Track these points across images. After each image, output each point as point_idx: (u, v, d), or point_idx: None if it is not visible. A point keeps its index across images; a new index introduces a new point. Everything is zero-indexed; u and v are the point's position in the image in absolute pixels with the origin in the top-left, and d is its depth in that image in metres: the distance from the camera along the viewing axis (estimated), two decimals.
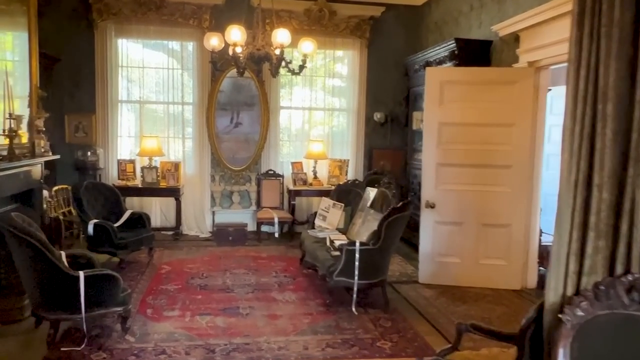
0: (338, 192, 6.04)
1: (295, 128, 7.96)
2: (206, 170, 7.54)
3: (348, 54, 7.89)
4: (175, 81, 7.43)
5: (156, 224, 7.38)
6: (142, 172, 7.04)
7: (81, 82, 7.17)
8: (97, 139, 7.23)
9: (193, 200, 7.52)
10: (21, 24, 5.24)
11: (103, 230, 5.48)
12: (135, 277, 5.37)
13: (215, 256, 6.35)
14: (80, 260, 4.08)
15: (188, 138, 7.56)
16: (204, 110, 7.42)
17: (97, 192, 6.01)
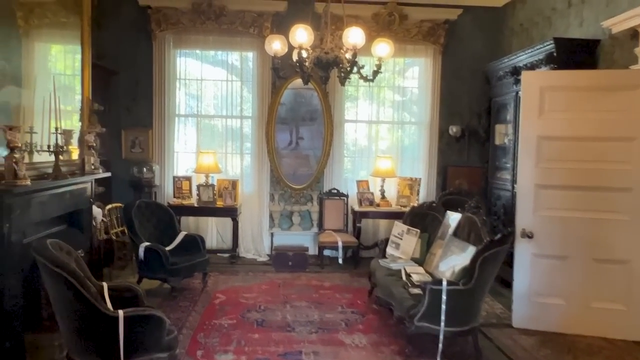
0: (412, 215, 5.29)
1: (361, 143, 7.30)
2: (265, 188, 7.02)
3: (420, 61, 7.18)
4: (233, 94, 7.00)
5: (212, 246, 6.94)
6: (198, 190, 6.61)
7: (138, 96, 6.88)
8: (154, 155, 6.90)
9: (251, 221, 7.01)
10: (75, 36, 4.94)
11: (154, 254, 5.02)
12: (187, 308, 4.85)
13: (274, 284, 5.75)
14: (124, 293, 3.58)
15: (246, 154, 7.08)
16: (263, 124, 6.93)
17: (149, 212, 5.59)
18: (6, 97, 3.88)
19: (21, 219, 3.50)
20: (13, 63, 4.12)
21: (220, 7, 6.61)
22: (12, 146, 3.36)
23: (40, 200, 3.77)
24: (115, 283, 3.61)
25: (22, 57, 4.28)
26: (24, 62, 4.28)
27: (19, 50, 4.28)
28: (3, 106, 3.77)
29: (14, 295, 3.47)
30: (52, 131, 4.02)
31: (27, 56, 4.35)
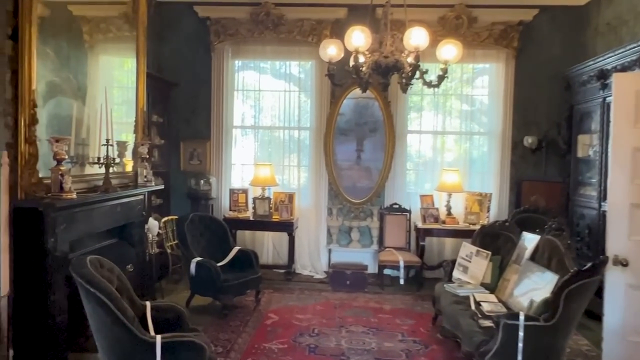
0: (482, 235, 4.78)
1: (425, 155, 6.84)
2: (323, 202, 6.72)
3: (490, 67, 6.65)
4: (291, 104, 6.79)
5: (267, 261, 6.73)
6: (254, 204, 6.42)
7: (197, 108, 6.84)
8: (211, 167, 6.81)
9: (308, 236, 6.72)
10: (131, 48, 4.91)
11: (206, 270, 4.84)
12: (237, 328, 4.61)
13: (330, 305, 5.41)
14: (167, 314, 3.38)
15: (304, 166, 6.83)
16: (321, 135, 6.66)
17: (203, 226, 5.45)
18: (70, 110, 3.86)
19: (67, 233, 3.41)
20: (79, 77, 4.13)
21: (279, 15, 6.45)
22: (58, 158, 3.27)
23: (88, 214, 3.68)
24: (158, 302, 3.42)
25: (87, 70, 4.31)
26: (89, 76, 4.30)
27: (84, 65, 4.31)
28: (66, 118, 3.72)
29: (59, 311, 3.37)
30: (102, 143, 3.93)
31: (91, 70, 4.37)
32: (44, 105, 3.55)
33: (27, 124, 3.10)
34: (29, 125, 3.11)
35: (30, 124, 3.11)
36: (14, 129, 3.09)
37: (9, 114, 3.06)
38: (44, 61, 3.54)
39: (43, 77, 3.52)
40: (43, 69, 3.53)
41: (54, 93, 3.77)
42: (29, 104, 3.11)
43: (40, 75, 3.49)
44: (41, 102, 3.45)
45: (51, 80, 3.76)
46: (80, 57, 4.26)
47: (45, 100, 3.61)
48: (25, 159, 3.10)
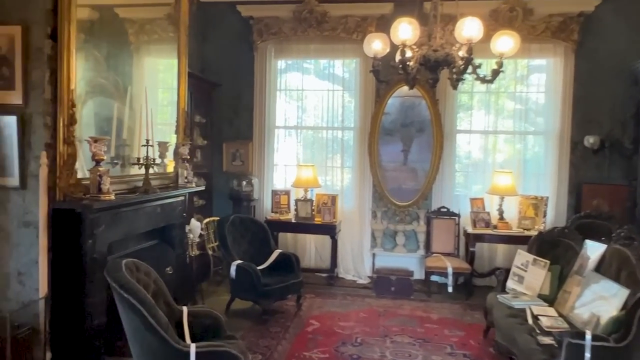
0: (540, 242, 4.43)
1: (475, 156, 6.49)
2: (367, 205, 6.49)
3: (547, 62, 6.23)
4: (335, 104, 6.61)
5: (310, 265, 6.58)
6: (296, 205, 6.28)
7: (240, 108, 6.77)
8: (253, 168, 6.72)
9: (351, 240, 6.52)
10: (175, 49, 4.87)
11: (245, 273, 4.73)
12: (277, 335, 4.46)
13: (374, 312, 5.18)
14: (205, 320, 3.27)
15: (347, 168, 6.63)
16: (366, 135, 6.43)
17: (243, 228, 5.35)
18: (112, 111, 3.85)
19: (106, 235, 3.36)
20: (123, 78, 4.14)
21: (322, 13, 6.28)
22: (97, 159, 3.22)
23: (128, 215, 3.63)
24: (195, 308, 3.31)
25: (131, 72, 4.31)
26: (133, 77, 4.29)
27: (129, 66, 4.31)
28: (108, 119, 3.70)
29: (97, 314, 3.32)
30: (142, 144, 3.88)
31: (135, 71, 4.36)
32: (86, 106, 3.55)
33: (65, 124, 3.06)
34: (68, 125, 3.07)
35: (69, 124, 3.07)
36: (53, 130, 3.05)
37: (48, 114, 3.03)
38: (90, 62, 3.56)
39: (87, 77, 3.54)
40: (88, 70, 3.56)
41: (97, 93, 3.77)
42: (68, 104, 3.07)
43: (84, 75, 3.51)
44: (84, 103, 3.45)
45: (95, 81, 3.77)
46: (125, 59, 4.27)
47: (88, 101, 3.61)
48: (63, 159, 3.06)
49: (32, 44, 2.98)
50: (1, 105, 3.00)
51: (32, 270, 3.01)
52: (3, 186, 3.03)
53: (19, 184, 3.01)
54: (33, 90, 3.00)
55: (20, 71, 2.97)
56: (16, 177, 3.01)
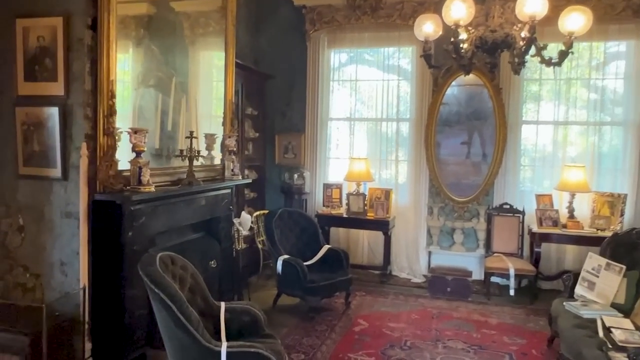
0: (615, 245, 3.97)
1: (543, 149, 5.98)
2: (422, 200, 6.17)
3: (627, 46, 5.61)
4: (389, 94, 6.32)
5: (362, 261, 6.37)
6: (348, 200, 6.08)
7: (293, 100, 6.65)
8: (305, 161, 6.59)
9: (405, 236, 6.23)
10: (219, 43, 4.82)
11: (292, 268, 4.60)
12: (323, 334, 4.30)
13: (427, 314, 4.90)
14: (242, 317, 3.16)
15: (402, 161, 6.33)
16: (422, 127, 6.11)
17: (292, 222, 5.23)
18: (160, 103, 3.85)
19: (146, 227, 3.33)
20: (175, 70, 4.16)
21: None
22: (137, 150, 3.19)
23: (170, 208, 3.59)
24: (233, 304, 3.20)
25: (183, 64, 4.31)
26: (184, 69, 4.29)
27: (182, 59, 4.32)
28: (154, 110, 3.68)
29: (137, 306, 3.31)
30: (186, 135, 3.83)
31: (189, 63, 4.37)
32: (142, 98, 3.58)
33: (105, 115, 3.04)
34: (107, 116, 3.05)
35: (108, 115, 3.05)
36: (93, 121, 3.04)
37: (88, 105, 3.02)
38: (146, 56, 3.65)
39: (143, 70, 3.62)
40: (144, 63, 3.64)
41: (146, 85, 3.77)
42: (108, 95, 3.05)
43: (141, 69, 3.59)
44: (141, 96, 3.47)
45: (151, 74, 3.78)
46: (180, 52, 4.28)
47: (136, 92, 3.63)
48: (103, 150, 3.05)
49: (73, 35, 2.98)
50: (45, 97, 3.03)
51: (73, 260, 3.03)
52: (47, 177, 3.07)
53: (61, 175, 3.04)
54: (74, 82, 3.00)
55: (62, 62, 2.97)
56: (59, 168, 3.03)
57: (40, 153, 3.07)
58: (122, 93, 3.73)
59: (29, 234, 3.15)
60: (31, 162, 3.10)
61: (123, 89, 3.77)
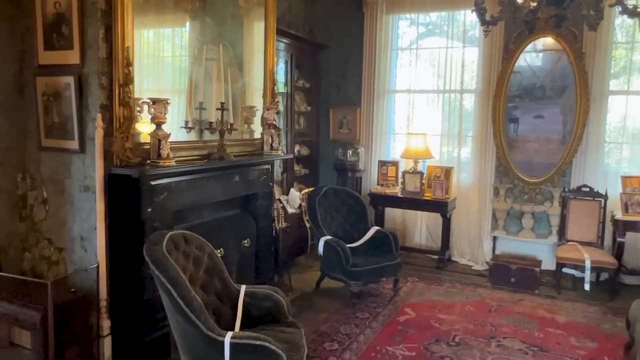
0: None
1: (633, 125, 5.16)
2: (488, 179, 5.59)
3: None
4: (454, 63, 5.74)
5: (420, 244, 5.95)
6: (403, 178, 5.65)
7: (348, 71, 6.27)
8: (360, 136, 6.21)
9: (467, 219, 5.71)
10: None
11: (334, 251, 4.31)
12: (363, 322, 3.99)
13: (484, 306, 4.42)
14: (264, 302, 2.92)
15: (466, 136, 5.76)
16: (489, 99, 5.50)
17: (339, 201, 4.91)
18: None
19: (169, 203, 3.16)
20: (233, 43, 4.06)
21: None
22: (156, 122, 3.01)
23: (197, 183, 3.41)
24: (255, 288, 2.97)
25: (243, 36, 4.14)
26: (244, 42, 4.16)
27: (240, 30, 4.14)
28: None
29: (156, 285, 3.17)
30: (217, 107, 3.61)
31: (247, 35, 4.20)
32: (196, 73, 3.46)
33: (121, 84, 2.88)
34: (123, 85, 2.88)
35: (124, 84, 2.89)
36: (109, 90, 2.89)
37: (103, 74, 2.87)
38: (201, 29, 3.60)
39: (194, 43, 3.60)
40: (198, 36, 3.57)
41: (200, 58, 3.63)
42: (123, 63, 2.87)
43: (192, 40, 3.58)
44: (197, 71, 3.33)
45: (201, 46, 3.69)
46: (232, 23, 4.13)
47: (192, 66, 3.54)
48: (119, 121, 2.90)
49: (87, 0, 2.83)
50: (62, 66, 2.92)
51: (92, 236, 2.95)
52: (67, 149, 2.98)
53: (78, 147, 2.94)
54: (89, 49, 2.86)
55: (77, 29, 2.83)
56: (76, 141, 2.93)
57: (60, 125, 2.99)
58: (179, 66, 3.64)
59: (52, 207, 3.11)
60: (52, 134, 3.03)
61: (180, 62, 3.67)
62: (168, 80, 3.64)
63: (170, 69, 3.66)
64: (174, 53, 3.73)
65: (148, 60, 3.39)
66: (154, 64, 3.56)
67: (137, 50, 3.03)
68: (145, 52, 3.30)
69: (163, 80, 3.58)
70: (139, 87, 3.04)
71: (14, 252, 3.17)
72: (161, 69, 3.64)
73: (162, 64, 3.65)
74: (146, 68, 3.33)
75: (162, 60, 3.64)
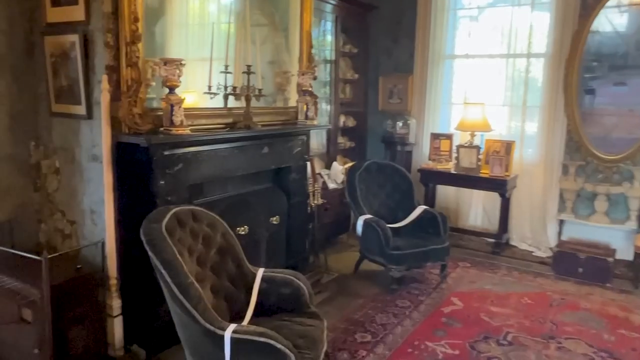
0: None
1: None
2: (556, 156, 4.94)
3: None
4: (520, 24, 5.05)
5: (475, 226, 5.44)
6: (458, 153, 5.11)
7: (400, 35, 5.73)
8: (412, 107, 5.69)
9: (530, 200, 5.10)
10: None
11: (373, 231, 3.92)
12: (403, 311, 3.60)
13: (544, 299, 3.89)
14: (282, 288, 2.61)
15: (531, 107, 5.10)
16: (561, 64, 4.80)
17: (382, 177, 4.48)
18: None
19: (185, 176, 2.88)
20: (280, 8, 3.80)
21: None
22: (169, 85, 2.71)
23: (218, 154, 3.10)
24: (273, 272, 2.65)
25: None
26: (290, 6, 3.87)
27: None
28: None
29: None
30: (243, 71, 3.27)
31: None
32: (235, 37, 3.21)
33: (127, 42, 2.59)
34: (130, 43, 2.59)
35: (131, 42, 2.59)
36: (116, 49, 2.61)
37: (109, 31, 2.58)
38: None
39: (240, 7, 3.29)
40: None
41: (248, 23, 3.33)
42: (130, 18, 2.58)
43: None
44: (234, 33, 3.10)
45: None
46: None
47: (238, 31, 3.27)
48: (127, 84, 2.62)
49: None
50: (68, 24, 2.67)
51: (101, 209, 2.73)
52: (74, 115, 2.76)
53: (85, 112, 2.70)
54: (93, 2, 2.58)
55: None
56: (83, 105, 2.69)
57: (68, 88, 2.76)
58: (226, 30, 3.33)
59: (64, 178, 2.92)
60: (61, 99, 2.81)
61: (228, 27, 3.36)
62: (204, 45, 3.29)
63: (206, 34, 3.30)
64: (208, 15, 3.39)
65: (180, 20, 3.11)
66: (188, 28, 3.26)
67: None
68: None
69: (200, 46, 3.25)
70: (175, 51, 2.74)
71: (29, 224, 3.03)
72: (196, 33, 3.32)
73: (198, 28, 3.32)
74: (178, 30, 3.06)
75: (200, 24, 3.32)
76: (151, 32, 2.85)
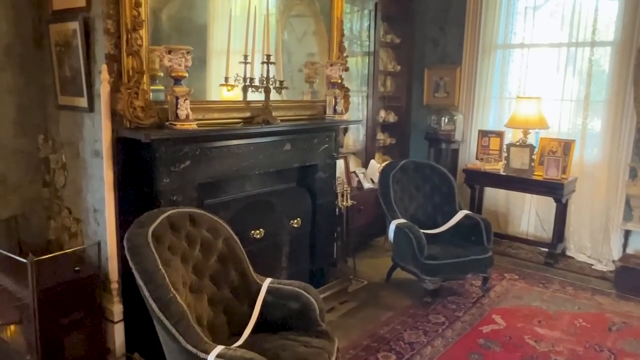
0: None
1: None
2: (622, 157, 4.36)
3: None
4: (583, 9, 4.50)
5: (527, 233, 4.94)
6: (508, 152, 4.63)
7: (448, 23, 5.30)
8: (460, 101, 5.25)
9: (591, 206, 4.56)
10: None
11: (405, 238, 3.56)
12: (435, 328, 3.23)
13: (602, 321, 3.39)
14: (290, 302, 2.33)
15: (595, 102, 4.54)
16: (632, 53, 4.22)
17: (420, 178, 4.10)
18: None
19: (193, 174, 2.66)
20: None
21: None
22: (174, 75, 2.49)
23: (230, 151, 2.86)
24: (280, 284, 2.38)
25: None
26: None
27: None
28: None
29: None
30: (263, 60, 3.00)
31: None
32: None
33: (128, 29, 2.39)
34: (131, 30, 2.39)
35: (132, 28, 2.39)
36: (117, 37, 2.42)
37: (109, 17, 2.39)
38: None
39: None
40: None
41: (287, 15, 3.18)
42: (130, 2, 2.37)
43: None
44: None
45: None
46: None
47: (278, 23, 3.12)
48: (128, 74, 2.42)
49: None
50: (70, 10, 2.51)
51: (103, 208, 2.55)
52: (78, 107, 2.60)
53: (87, 105, 2.53)
54: None
55: None
56: (85, 97, 2.53)
57: (71, 79, 2.60)
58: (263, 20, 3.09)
59: (70, 173, 2.78)
60: (66, 91, 2.67)
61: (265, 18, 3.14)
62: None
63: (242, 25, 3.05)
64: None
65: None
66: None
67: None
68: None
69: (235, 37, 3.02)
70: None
71: (38, 220, 2.92)
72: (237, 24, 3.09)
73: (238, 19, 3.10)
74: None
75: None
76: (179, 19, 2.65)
